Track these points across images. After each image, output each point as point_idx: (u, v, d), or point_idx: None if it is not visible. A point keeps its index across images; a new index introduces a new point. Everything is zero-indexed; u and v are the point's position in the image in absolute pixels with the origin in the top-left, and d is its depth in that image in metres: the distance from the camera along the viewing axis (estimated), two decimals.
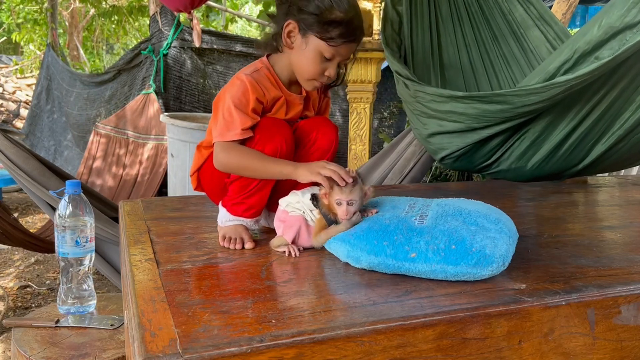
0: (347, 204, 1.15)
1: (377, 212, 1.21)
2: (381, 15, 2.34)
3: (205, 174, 1.40)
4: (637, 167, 3.23)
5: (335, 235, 1.18)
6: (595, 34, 1.51)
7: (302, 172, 1.21)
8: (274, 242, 1.25)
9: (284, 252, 1.21)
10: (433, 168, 3.89)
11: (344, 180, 1.15)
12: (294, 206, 1.23)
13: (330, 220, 1.18)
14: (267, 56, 1.37)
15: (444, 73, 2.31)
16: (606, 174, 2.81)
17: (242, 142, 1.28)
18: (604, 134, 1.85)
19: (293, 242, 1.22)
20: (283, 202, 1.25)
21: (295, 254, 1.20)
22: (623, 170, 3.20)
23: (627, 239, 1.46)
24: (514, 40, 2.34)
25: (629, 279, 1.12)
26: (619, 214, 1.80)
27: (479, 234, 1.10)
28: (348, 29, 1.26)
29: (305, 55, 1.29)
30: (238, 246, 1.26)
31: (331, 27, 1.25)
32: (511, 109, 1.76)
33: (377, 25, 3.12)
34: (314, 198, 1.20)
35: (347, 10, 1.26)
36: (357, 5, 1.32)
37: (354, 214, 1.17)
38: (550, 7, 3.09)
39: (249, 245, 1.26)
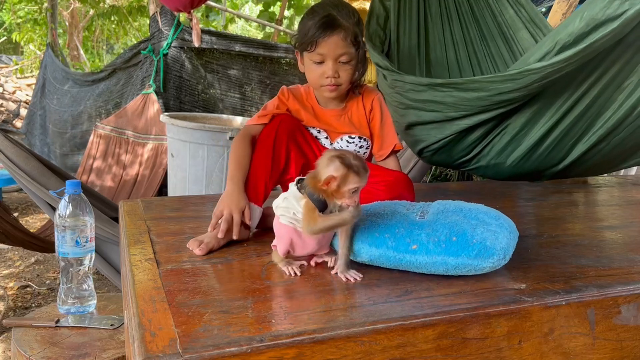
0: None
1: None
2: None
3: None
4: (637, 167, 3.23)
5: (338, 223, 1.05)
6: (577, 26, 1.50)
7: (220, 200, 1.33)
8: (273, 258, 1.16)
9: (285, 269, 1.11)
10: (433, 168, 3.89)
11: (230, 232, 1.26)
12: (282, 207, 1.12)
13: (318, 202, 1.04)
14: None
15: (430, 70, 2.31)
16: (605, 174, 2.81)
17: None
18: (585, 133, 1.84)
19: (288, 255, 1.13)
20: (274, 204, 1.16)
21: (294, 274, 1.09)
22: (623, 171, 3.20)
23: (627, 239, 1.46)
24: (503, 42, 2.34)
25: (629, 279, 1.12)
26: (619, 214, 1.80)
27: (480, 227, 1.10)
28: (318, 28, 1.40)
29: (306, 70, 1.48)
30: (198, 252, 1.20)
31: (305, 37, 1.43)
32: (488, 96, 1.74)
33: None
34: (299, 181, 1.10)
35: (317, 15, 1.42)
36: (334, 7, 1.43)
37: None
38: (550, 7, 3.09)
39: (197, 251, 1.20)
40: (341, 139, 1.54)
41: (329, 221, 1.04)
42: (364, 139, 1.55)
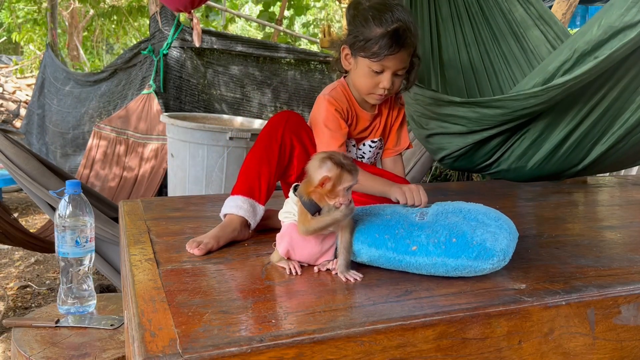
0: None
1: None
2: None
3: None
4: (637, 167, 3.23)
5: (331, 222, 1.06)
6: (594, 33, 1.50)
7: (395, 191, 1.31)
8: (273, 257, 1.17)
9: (284, 268, 1.13)
10: (433, 168, 3.89)
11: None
12: (284, 212, 1.15)
13: (310, 206, 1.06)
14: (345, 76, 1.50)
15: (444, 73, 2.32)
16: (606, 174, 2.81)
17: None
18: (604, 134, 1.85)
19: (289, 257, 1.13)
20: (279, 216, 1.18)
21: (295, 272, 1.10)
22: (623, 171, 3.20)
23: (627, 239, 1.46)
24: (514, 40, 2.34)
25: (629, 279, 1.12)
26: (619, 214, 1.80)
27: (480, 228, 1.10)
28: (388, 42, 1.33)
29: (358, 73, 1.42)
30: (196, 252, 1.20)
31: (370, 44, 1.34)
32: (510, 112, 1.76)
33: None
34: (295, 188, 1.12)
35: (387, 24, 1.33)
36: (403, 15, 1.35)
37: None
38: (550, 7, 3.09)
39: (196, 251, 1.21)
40: (364, 145, 1.54)
41: (322, 222, 1.06)
42: (381, 140, 1.57)
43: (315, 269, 1.13)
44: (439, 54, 2.32)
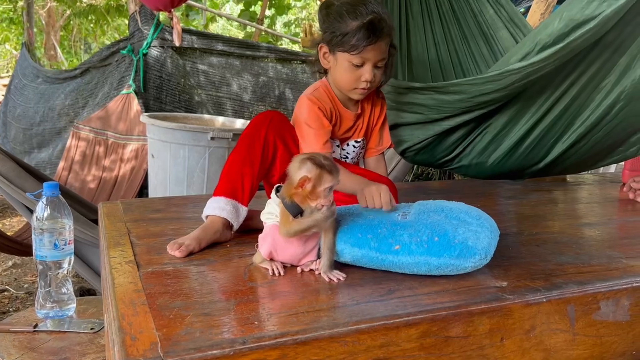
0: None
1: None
2: None
3: None
4: (615, 164, 3.29)
5: (312, 225, 1.06)
6: (556, 26, 1.52)
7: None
8: (255, 258, 1.16)
9: (267, 269, 1.12)
10: (415, 167, 3.91)
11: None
12: (266, 212, 1.14)
13: (292, 208, 1.05)
14: (326, 76, 1.51)
15: (411, 69, 2.32)
16: (584, 172, 2.86)
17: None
18: (564, 132, 1.88)
19: (271, 258, 1.12)
20: (261, 216, 1.17)
21: (278, 273, 1.09)
22: (602, 169, 3.26)
23: (606, 236, 1.49)
24: (483, 41, 2.36)
25: (608, 275, 1.14)
26: (598, 212, 1.83)
27: (461, 227, 1.11)
28: (366, 33, 1.34)
29: (338, 70, 1.43)
30: (177, 254, 1.18)
31: (347, 38, 1.36)
32: (468, 98, 1.77)
33: None
34: (278, 190, 1.11)
35: (362, 17, 1.35)
36: (376, 6, 1.37)
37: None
38: (529, 7, 3.13)
39: (177, 253, 1.18)
40: (347, 145, 1.55)
41: (303, 224, 1.05)
42: (364, 140, 1.58)
43: (299, 269, 1.12)
44: (407, 50, 2.32)
